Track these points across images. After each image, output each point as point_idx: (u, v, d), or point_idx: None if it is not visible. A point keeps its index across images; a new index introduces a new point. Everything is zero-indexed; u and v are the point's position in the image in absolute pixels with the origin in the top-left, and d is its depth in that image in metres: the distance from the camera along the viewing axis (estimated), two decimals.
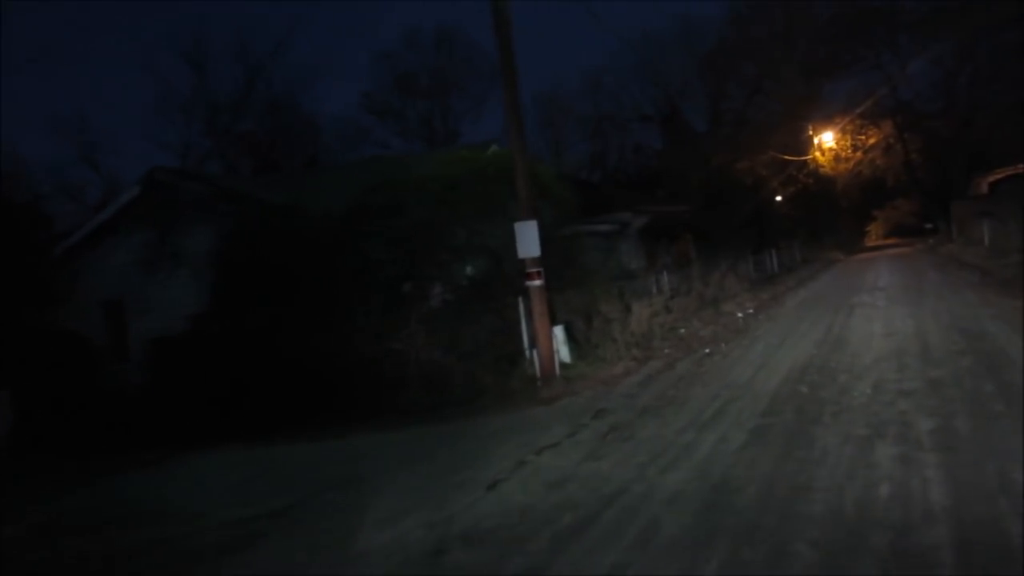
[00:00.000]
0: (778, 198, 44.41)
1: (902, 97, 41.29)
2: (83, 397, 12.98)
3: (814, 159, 44.86)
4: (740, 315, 14.69)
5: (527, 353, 9.57)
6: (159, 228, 14.03)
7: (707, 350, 10.64)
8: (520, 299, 9.61)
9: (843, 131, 44.99)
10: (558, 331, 9.63)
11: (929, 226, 50.06)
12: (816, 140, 44.75)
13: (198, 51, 32.65)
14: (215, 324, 11.64)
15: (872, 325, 10.98)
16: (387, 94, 42.90)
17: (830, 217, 44.92)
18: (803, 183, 44.47)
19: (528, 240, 9.13)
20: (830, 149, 45.96)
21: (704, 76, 47.52)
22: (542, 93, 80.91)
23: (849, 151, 46.26)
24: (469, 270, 12.14)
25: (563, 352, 9.65)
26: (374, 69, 69.29)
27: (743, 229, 24.49)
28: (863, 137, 45.48)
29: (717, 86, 47.07)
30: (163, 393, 12.32)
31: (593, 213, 24.20)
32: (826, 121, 44.56)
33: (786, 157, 41.42)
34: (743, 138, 44.26)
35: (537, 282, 9.22)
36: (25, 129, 62.40)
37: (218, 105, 30.52)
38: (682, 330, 12.23)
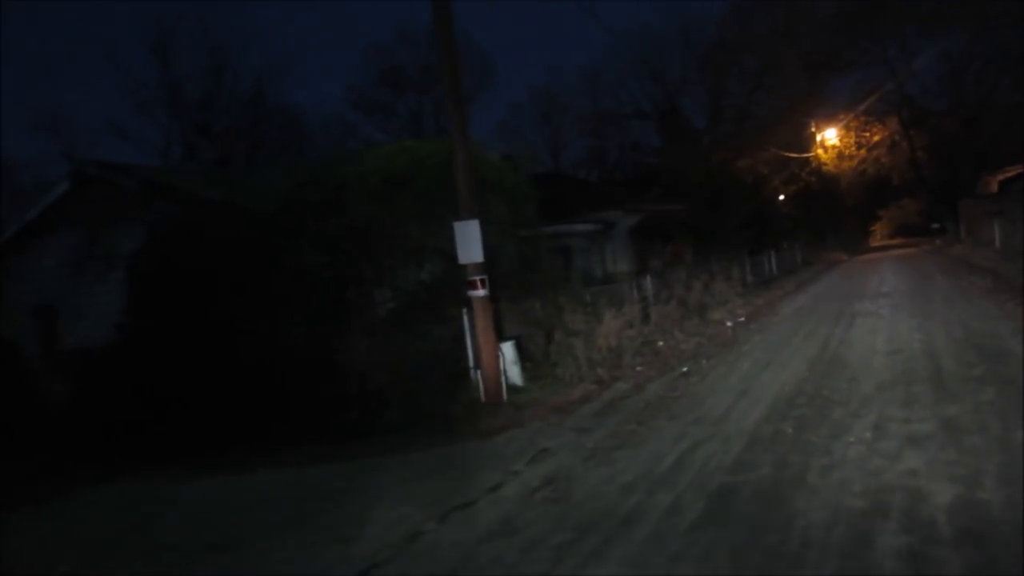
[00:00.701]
0: (780, 197, 43.00)
1: (908, 92, 39.79)
2: (4, 413, 11.73)
3: (817, 157, 43.40)
4: (729, 324, 13.35)
5: (472, 374, 8.24)
6: (89, 227, 12.76)
7: (685, 368, 9.30)
8: (464, 311, 8.28)
9: (847, 128, 43.53)
10: (507, 348, 8.31)
11: (936, 226, 48.59)
12: (819, 137, 43.29)
13: (175, 46, 31.34)
14: (135, 335, 10.36)
15: (875, 339, 9.63)
16: (375, 89, 41.60)
17: (833, 217, 43.47)
18: (805, 181, 43.02)
19: (469, 243, 7.80)
20: (833, 146, 44.49)
21: (704, 71, 46.10)
22: (539, 89, 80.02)
23: (853, 148, 44.78)
24: (424, 275, 10.83)
25: (513, 373, 8.33)
26: (364, 65, 67.94)
27: (741, 229, 23.13)
28: (867, 134, 43.99)
29: (717, 82, 45.55)
30: (82, 410, 11.11)
31: (579, 211, 22.89)
32: (829, 117, 43.10)
33: (788, 155, 40.02)
34: (744, 135, 42.91)
35: (480, 292, 7.90)
36: (11, 127, 61.22)
37: (198, 101, 29.26)
38: (660, 343, 10.90)
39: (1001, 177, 37.09)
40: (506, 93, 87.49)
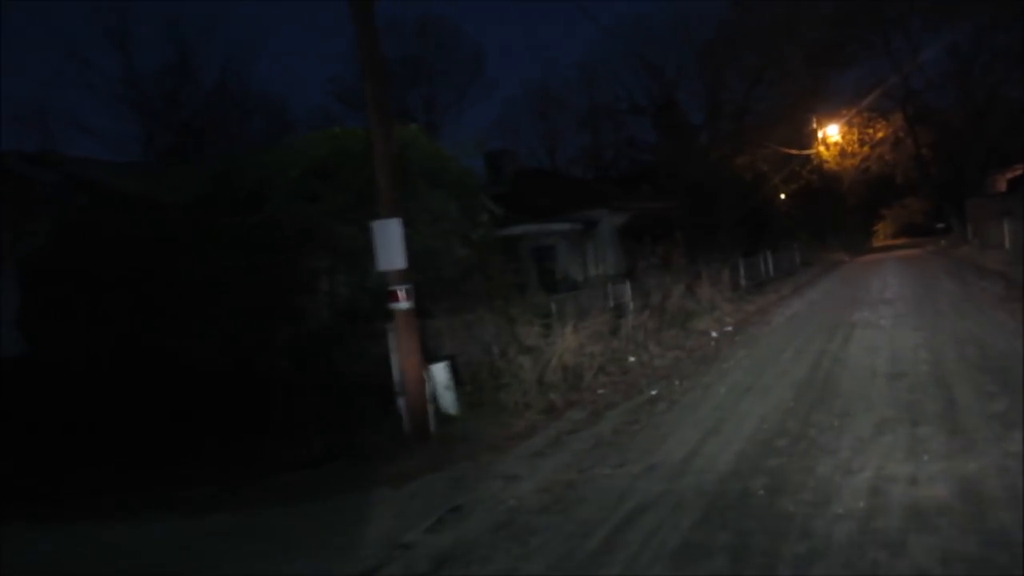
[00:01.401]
0: (782, 196, 41.61)
1: (913, 87, 38.38)
2: None
3: (818, 154, 42.04)
4: (714, 335, 12.07)
5: (398, 401, 6.97)
6: (2, 225, 11.52)
7: (654, 391, 8.03)
8: (390, 326, 7.00)
9: (849, 124, 42.20)
10: (439, 371, 7.04)
11: (941, 226, 47.19)
12: (820, 134, 41.94)
13: (140, 36, 30.06)
14: (27, 346, 9.12)
15: (874, 358, 8.34)
16: (359, 81, 40.24)
17: (835, 216, 42.10)
18: (806, 179, 41.66)
19: (390, 246, 6.53)
20: (835, 143, 43.15)
21: (702, 66, 44.77)
22: (535, 85, 78.73)
23: (856, 145, 43.44)
24: (370, 280, 9.56)
25: (446, 399, 7.05)
26: (352, 55, 66.54)
27: (735, 228, 21.80)
28: (871, 130, 42.63)
29: (715, 76, 44.17)
30: None
31: (564, 210, 21.62)
32: (831, 113, 41.74)
33: (788, 151, 38.65)
34: (743, 131, 41.59)
35: (403, 304, 6.62)
36: None
37: (167, 93, 28.00)
38: (631, 359, 9.62)
39: (1010, 175, 35.73)
40: (502, 90, 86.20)
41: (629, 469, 5.25)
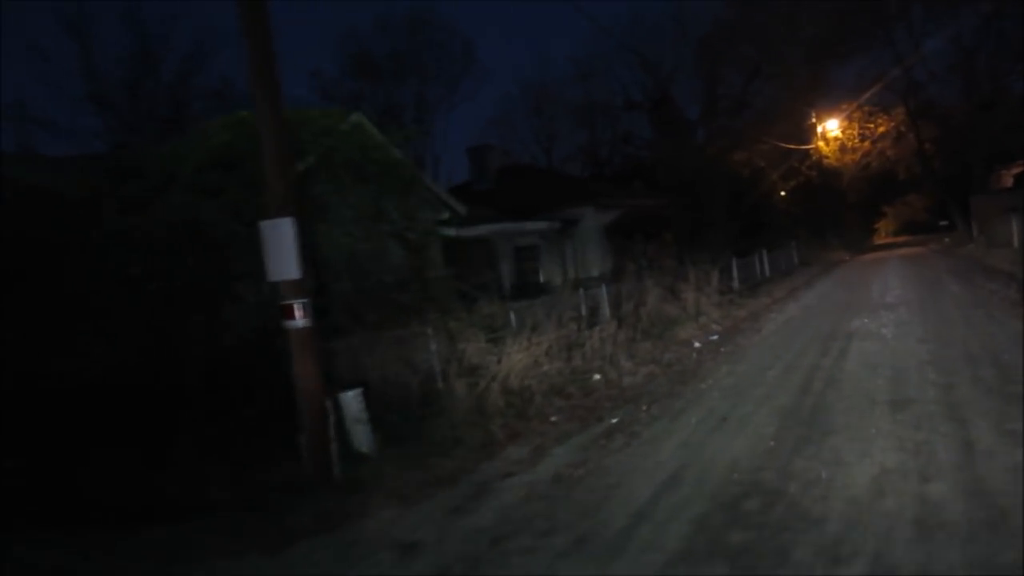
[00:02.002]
0: (781, 193, 40.35)
1: (916, 79, 37.13)
2: None
3: (817, 149, 40.82)
4: (697, 345, 10.88)
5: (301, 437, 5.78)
6: None
7: (615, 419, 6.85)
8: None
9: (850, 118, 40.98)
10: (350, 400, 5.85)
11: (944, 223, 46.00)
12: (820, 128, 40.73)
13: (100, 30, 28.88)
14: None
15: (874, 379, 7.14)
16: (344, 78, 39.15)
17: (834, 213, 40.85)
18: (805, 176, 40.44)
19: (281, 251, 5.35)
20: (835, 138, 41.92)
21: (698, 60, 43.55)
22: (530, 81, 77.40)
23: (856, 140, 42.19)
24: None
25: (359, 435, 5.86)
26: (339, 50, 65.14)
27: (728, 226, 20.56)
28: (872, 125, 41.38)
29: (712, 70, 42.96)
30: None
31: (547, 207, 20.47)
32: (831, 108, 40.54)
33: (787, 146, 37.42)
34: (740, 126, 40.39)
35: (299, 322, 5.44)
36: None
37: (139, 87, 26.78)
38: (596, 377, 8.43)
39: (1016, 171, 34.47)
40: (497, 87, 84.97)
41: (554, 542, 4.07)
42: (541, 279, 17.46)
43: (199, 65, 29.56)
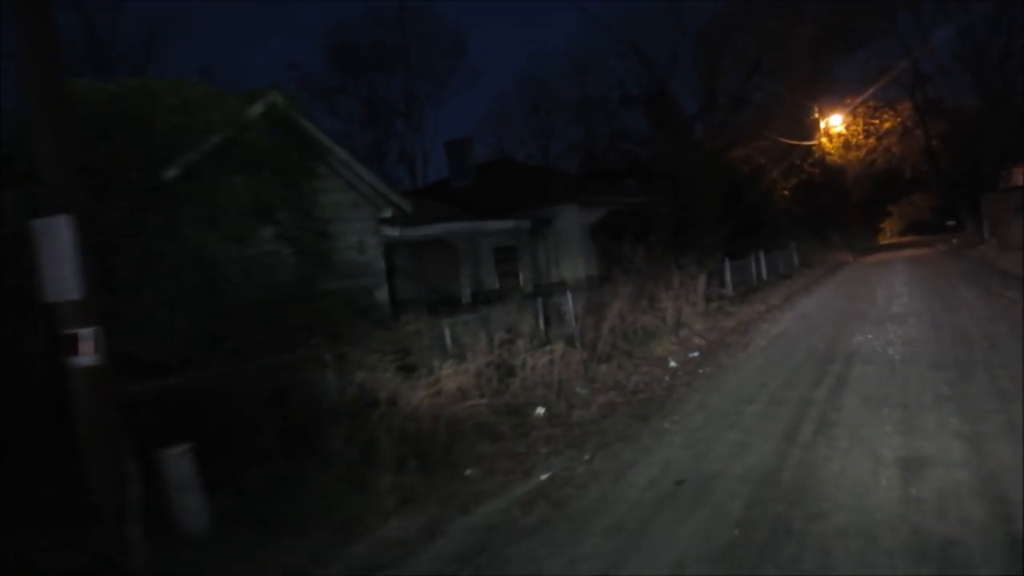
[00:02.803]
0: (784, 191, 38.70)
1: (923, 72, 35.48)
2: None
3: (820, 146, 39.19)
4: (673, 365, 9.36)
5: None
6: None
7: (546, 475, 5.33)
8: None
9: (854, 114, 39.38)
10: (174, 462, 4.34)
11: (951, 223, 44.36)
12: (823, 124, 39.12)
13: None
14: None
15: (880, 424, 5.62)
16: (325, 69, 37.67)
17: (838, 212, 39.20)
18: (807, 173, 38.82)
19: (57, 261, 3.85)
20: (839, 134, 40.33)
21: (696, 53, 41.95)
22: (525, 76, 75.73)
23: (861, 137, 40.61)
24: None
25: (187, 509, 4.35)
26: (322, 42, 63.45)
27: (720, 226, 18.98)
28: (877, 121, 39.81)
29: (711, 63, 41.33)
30: None
31: (525, 205, 18.95)
32: (835, 102, 38.95)
33: (788, 141, 35.81)
34: (739, 121, 38.81)
35: (86, 359, 3.94)
36: None
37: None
38: (540, 410, 6.91)
39: None
40: (493, 84, 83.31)
41: None
42: (521, 284, 15.94)
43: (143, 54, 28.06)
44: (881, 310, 12.67)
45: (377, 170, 41.07)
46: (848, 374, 7.57)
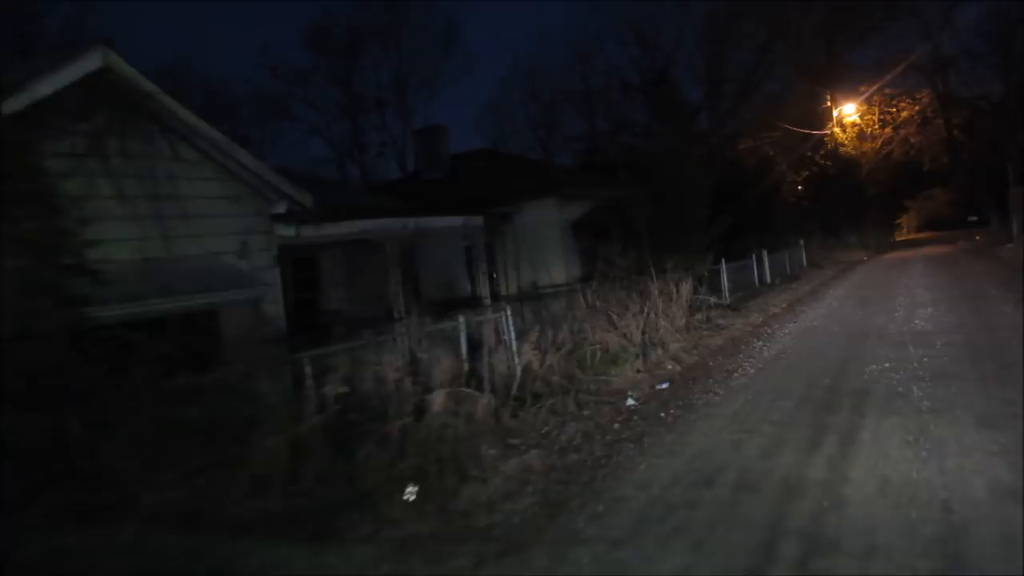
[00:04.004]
0: (799, 187, 36.27)
1: (945, 55, 32.96)
2: None
3: (833, 136, 36.72)
4: (631, 404, 7.22)
5: None
6: None
7: None
8: None
9: (869, 102, 36.91)
10: None
11: (974, 218, 41.75)
12: (836, 113, 36.66)
13: None
14: None
15: (910, 540, 3.46)
16: (298, 53, 35.67)
17: (851, 208, 36.72)
18: (819, 166, 36.39)
19: None
20: (853, 124, 37.86)
21: (702, 37, 39.59)
22: (524, 65, 73.43)
23: (876, 127, 38.14)
24: None
25: None
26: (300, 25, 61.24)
27: (715, 220, 16.73)
28: (894, 109, 37.35)
29: (717, 49, 38.92)
30: None
31: (504, 199, 16.86)
32: (849, 90, 36.47)
33: (799, 130, 33.42)
34: (746, 111, 36.46)
35: None
36: None
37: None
38: (410, 491, 4.76)
39: None
40: (492, 75, 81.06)
41: None
42: (477, 292, 13.82)
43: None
44: (901, 324, 10.46)
45: (357, 162, 39.31)
46: (858, 429, 5.41)
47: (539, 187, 17.93)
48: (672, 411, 6.86)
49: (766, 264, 19.65)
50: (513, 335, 8.34)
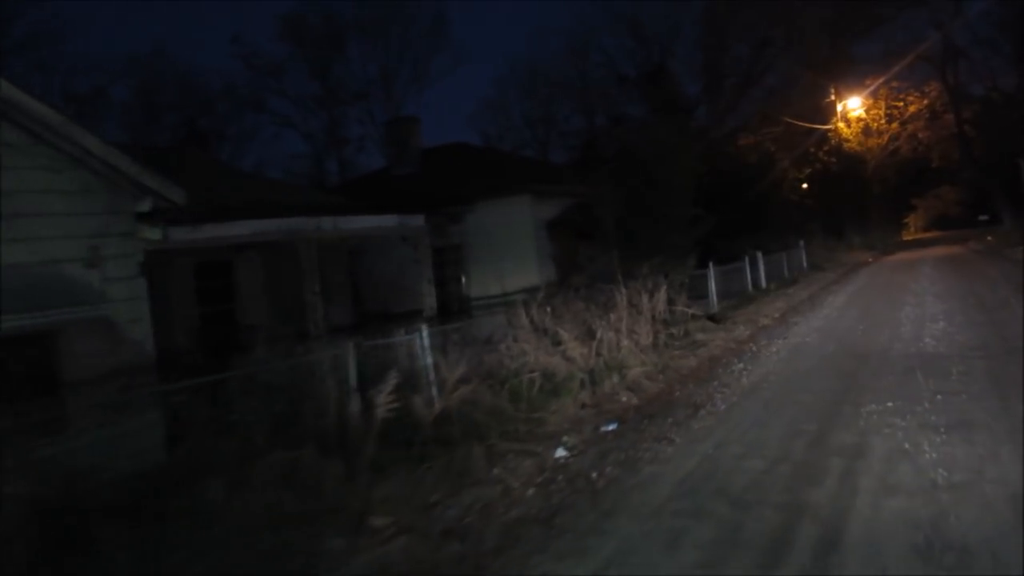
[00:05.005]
0: (804, 185, 34.57)
1: (955, 44, 31.21)
2: None
3: (837, 132, 35.01)
4: (560, 456, 5.64)
5: None
6: None
7: None
8: None
9: (875, 96, 35.20)
10: None
11: (984, 217, 40.02)
12: (840, 107, 34.94)
13: None
14: None
15: None
16: (273, 43, 34.20)
17: (856, 206, 35.00)
18: (822, 162, 34.70)
19: None
20: (858, 119, 36.13)
21: (700, 28, 37.97)
22: (520, 59, 71.75)
23: (883, 122, 36.42)
24: None
25: None
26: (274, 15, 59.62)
27: (700, 220, 15.12)
28: (901, 103, 35.65)
29: (716, 40, 37.24)
30: None
31: (475, 196, 15.30)
32: (854, 83, 34.77)
33: (801, 124, 31.74)
34: (746, 105, 34.85)
35: None
36: None
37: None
38: None
39: None
40: (487, 70, 79.38)
41: None
42: (424, 301, 12.23)
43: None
44: (908, 344, 8.85)
45: (335, 157, 37.76)
46: (844, 523, 3.81)
47: (507, 184, 16.34)
48: (608, 469, 5.27)
49: (760, 267, 18.01)
50: (430, 361, 6.79)
